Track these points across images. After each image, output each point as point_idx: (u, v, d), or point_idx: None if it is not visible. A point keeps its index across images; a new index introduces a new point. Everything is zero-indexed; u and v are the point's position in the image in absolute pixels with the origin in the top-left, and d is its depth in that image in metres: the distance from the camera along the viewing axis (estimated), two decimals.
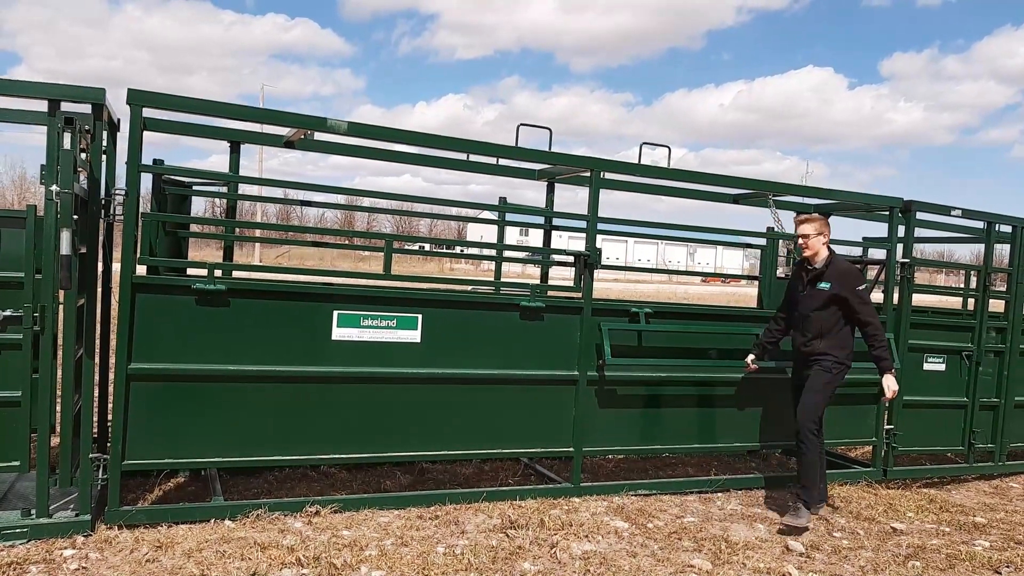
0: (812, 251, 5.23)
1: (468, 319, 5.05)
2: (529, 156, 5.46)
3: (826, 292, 5.14)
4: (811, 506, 5.10)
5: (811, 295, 5.20)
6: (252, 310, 4.50)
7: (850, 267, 5.31)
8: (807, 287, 5.25)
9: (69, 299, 4.03)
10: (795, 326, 5.36)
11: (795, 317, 5.35)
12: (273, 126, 4.96)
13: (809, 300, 5.21)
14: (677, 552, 4.49)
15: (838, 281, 5.13)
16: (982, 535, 5.26)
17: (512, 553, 4.29)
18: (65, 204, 3.84)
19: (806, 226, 5.25)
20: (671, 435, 5.73)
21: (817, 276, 5.20)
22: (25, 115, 4.32)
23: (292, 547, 4.09)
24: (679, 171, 5.81)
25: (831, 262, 5.22)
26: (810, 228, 5.22)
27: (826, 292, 5.14)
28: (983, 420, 6.79)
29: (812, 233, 5.21)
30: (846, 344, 5.21)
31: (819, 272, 5.20)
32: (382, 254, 4.97)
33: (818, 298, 5.16)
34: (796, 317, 5.34)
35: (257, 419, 4.55)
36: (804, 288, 5.26)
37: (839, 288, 5.11)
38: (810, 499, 5.10)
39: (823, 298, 5.14)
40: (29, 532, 3.98)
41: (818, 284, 5.19)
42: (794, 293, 5.38)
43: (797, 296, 5.33)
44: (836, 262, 5.24)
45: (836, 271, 5.17)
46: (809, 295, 5.21)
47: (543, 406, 5.27)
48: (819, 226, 5.24)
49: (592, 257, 5.30)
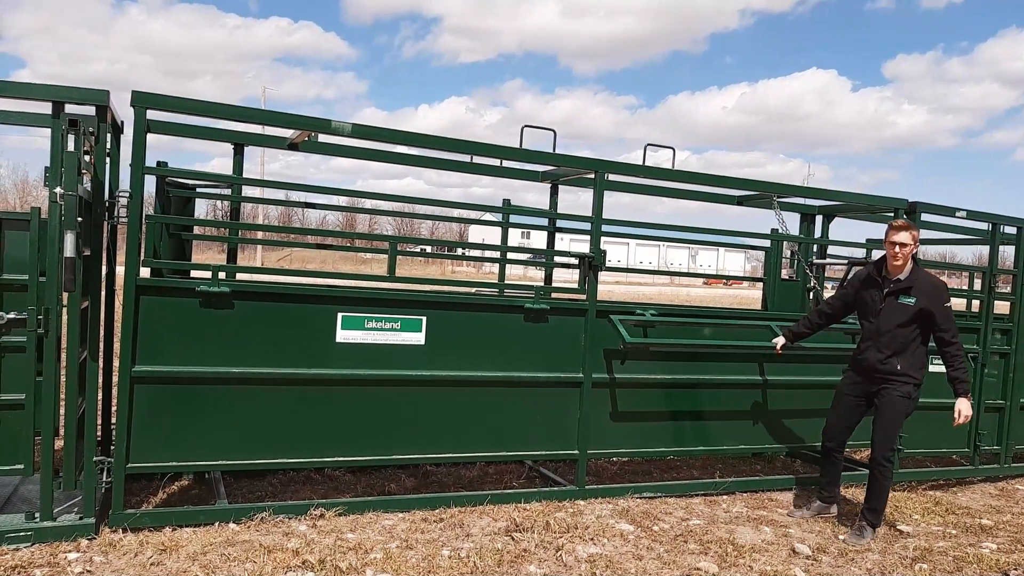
0: (904, 261, 4.91)
1: (472, 321, 5.04)
2: (533, 158, 5.45)
3: (912, 307, 4.86)
4: (876, 527, 5.02)
5: (892, 309, 4.91)
6: (256, 312, 4.49)
7: (939, 282, 5.03)
8: (886, 300, 4.95)
9: (73, 302, 4.02)
10: (866, 339, 5.07)
11: (868, 329, 5.06)
12: (277, 128, 4.95)
13: (890, 314, 4.92)
14: (683, 555, 4.47)
15: (927, 296, 4.85)
16: (989, 537, 5.24)
17: (517, 556, 4.27)
18: (69, 206, 3.83)
19: (903, 234, 4.87)
20: (676, 438, 5.72)
21: (902, 289, 4.92)
22: (29, 118, 4.31)
23: (297, 550, 4.08)
24: (683, 172, 5.80)
25: (918, 275, 4.93)
26: (908, 237, 4.87)
27: (912, 307, 4.86)
28: (988, 422, 6.76)
29: (911, 243, 4.89)
30: (923, 363, 4.99)
31: (905, 286, 4.91)
32: (384, 257, 4.95)
33: (902, 313, 4.89)
34: (869, 329, 5.05)
35: (261, 422, 4.54)
36: (883, 300, 4.96)
37: (927, 303, 4.84)
38: (877, 522, 5.02)
39: (909, 313, 4.87)
40: (33, 535, 3.96)
41: (901, 298, 4.91)
42: (866, 302, 5.08)
43: (871, 307, 5.02)
44: (924, 276, 4.95)
45: (925, 285, 4.89)
46: (890, 308, 4.92)
47: (547, 408, 5.25)
48: (916, 235, 4.96)
49: (596, 259, 5.29)
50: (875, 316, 5.01)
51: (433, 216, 6.32)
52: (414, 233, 79.34)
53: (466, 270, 52.13)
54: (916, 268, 5.00)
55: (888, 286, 4.97)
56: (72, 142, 3.86)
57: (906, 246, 4.89)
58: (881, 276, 5.03)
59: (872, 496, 5.06)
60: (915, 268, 4.98)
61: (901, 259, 4.91)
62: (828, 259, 7.62)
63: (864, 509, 5.09)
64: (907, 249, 4.90)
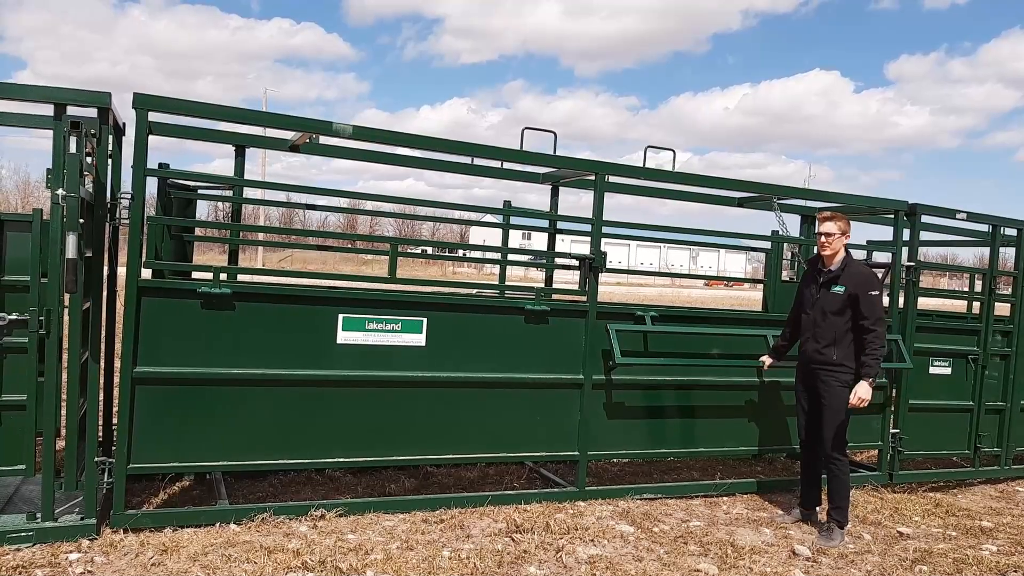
0: (832, 251, 5.02)
1: (473, 322, 5.04)
2: (534, 160, 5.46)
3: (841, 295, 4.95)
4: (844, 526, 5.02)
5: (826, 299, 5.00)
6: (257, 314, 4.50)
7: (868, 272, 5.11)
8: (820, 290, 5.05)
9: (75, 303, 4.03)
10: (805, 331, 5.14)
11: (805, 322, 5.14)
12: (278, 130, 4.96)
13: (824, 305, 5.01)
14: (683, 556, 4.48)
15: (853, 283, 4.94)
16: (989, 540, 5.24)
17: (518, 557, 4.28)
18: (71, 208, 3.84)
19: (828, 224, 5.03)
20: (676, 439, 5.72)
21: (832, 279, 5.01)
22: (31, 119, 4.33)
23: (298, 551, 4.08)
24: (684, 174, 5.80)
25: (847, 264, 5.03)
26: (833, 227, 5.01)
27: (841, 295, 4.95)
28: (989, 424, 6.76)
29: (836, 232, 5.00)
30: (857, 353, 5.00)
31: (835, 275, 5.01)
32: (384, 258, 4.96)
33: (833, 302, 4.97)
34: (807, 322, 5.12)
35: (262, 423, 4.55)
36: (818, 291, 5.07)
37: (853, 289, 4.92)
38: (845, 521, 5.03)
39: (839, 302, 4.95)
40: (34, 536, 3.97)
41: (833, 287, 5.00)
42: (805, 296, 5.19)
43: (809, 300, 5.12)
44: (855, 266, 5.05)
45: (853, 274, 4.98)
46: (824, 299, 5.01)
47: (548, 410, 5.26)
48: (843, 225, 5.03)
49: (597, 261, 5.29)
50: (811, 308, 5.12)
51: (434, 218, 6.32)
52: (415, 234, 79.26)
53: (466, 271, 52.09)
54: (847, 258, 5.09)
55: (822, 278, 5.09)
56: (74, 144, 3.87)
57: (832, 235, 5.02)
58: (817, 269, 5.15)
59: (833, 494, 5.08)
60: (846, 258, 5.08)
61: (829, 249, 5.04)
62: None
63: (829, 510, 5.09)
64: (833, 239, 5.02)
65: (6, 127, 4.28)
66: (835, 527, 4.98)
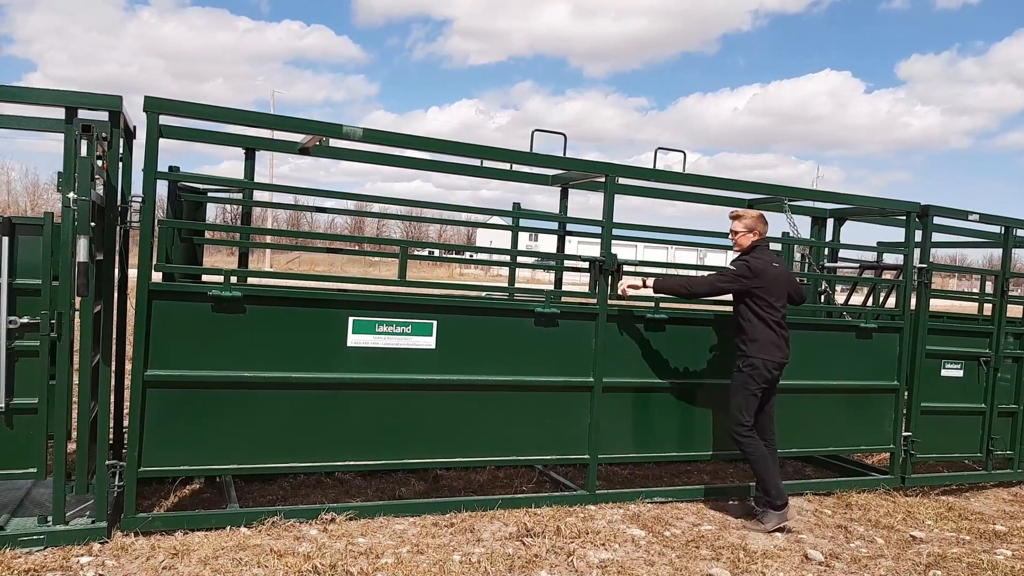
0: (739, 247, 5.24)
1: (483, 325, 5.03)
2: (544, 162, 5.44)
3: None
4: (778, 506, 5.06)
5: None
6: (268, 316, 4.50)
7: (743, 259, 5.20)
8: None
9: (86, 306, 4.03)
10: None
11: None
12: (288, 132, 4.96)
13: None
14: (695, 561, 4.45)
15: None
16: (1003, 544, 5.20)
17: (529, 561, 4.26)
18: (82, 211, 3.85)
19: (733, 222, 5.28)
20: (686, 442, 5.68)
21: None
22: (42, 122, 4.33)
23: (308, 554, 4.07)
24: (694, 176, 5.78)
25: (737, 257, 5.23)
26: (737, 224, 5.25)
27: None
28: (1002, 427, 6.72)
29: (741, 230, 5.22)
30: (757, 336, 5.08)
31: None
32: (390, 260, 4.95)
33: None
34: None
35: (272, 425, 4.54)
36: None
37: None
38: (773, 501, 5.07)
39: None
40: (46, 539, 3.98)
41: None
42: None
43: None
44: (740, 257, 5.21)
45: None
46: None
47: (558, 413, 5.24)
48: (750, 223, 5.21)
49: (607, 263, 5.27)
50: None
51: (441, 220, 6.31)
52: (422, 236, 79.34)
53: (474, 272, 52.06)
54: (744, 252, 5.22)
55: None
56: (85, 147, 3.86)
57: (736, 233, 5.24)
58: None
59: (755, 477, 5.19)
60: (743, 252, 5.22)
61: (737, 246, 5.27)
62: (839, 262, 7.60)
63: (758, 493, 5.23)
64: (738, 236, 5.23)
65: (16, 130, 4.30)
66: (769, 509, 5.07)
